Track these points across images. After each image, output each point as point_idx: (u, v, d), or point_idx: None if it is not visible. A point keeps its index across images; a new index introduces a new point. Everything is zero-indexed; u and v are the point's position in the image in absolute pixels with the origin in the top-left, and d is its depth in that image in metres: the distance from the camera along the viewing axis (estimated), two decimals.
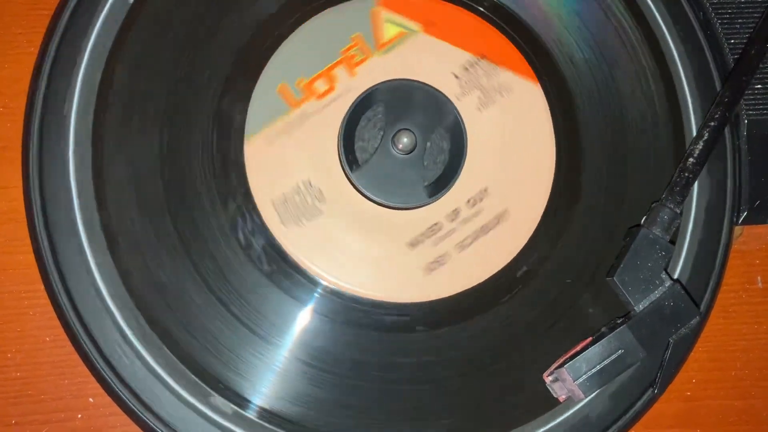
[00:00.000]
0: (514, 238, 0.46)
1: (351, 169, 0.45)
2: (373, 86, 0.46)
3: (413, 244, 0.45)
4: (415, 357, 0.45)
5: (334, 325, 0.44)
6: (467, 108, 0.46)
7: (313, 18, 0.46)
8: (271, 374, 0.43)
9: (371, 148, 0.46)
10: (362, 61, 0.46)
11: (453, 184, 0.46)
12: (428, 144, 0.46)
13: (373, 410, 0.44)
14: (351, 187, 0.45)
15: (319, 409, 0.43)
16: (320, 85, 0.46)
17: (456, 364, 0.45)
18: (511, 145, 0.47)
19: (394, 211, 0.45)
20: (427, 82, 0.46)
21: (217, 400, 0.42)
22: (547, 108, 0.47)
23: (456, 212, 0.46)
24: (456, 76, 0.47)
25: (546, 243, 0.46)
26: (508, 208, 0.46)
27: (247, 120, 0.45)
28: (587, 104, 0.48)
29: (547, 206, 0.46)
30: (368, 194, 0.45)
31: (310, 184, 0.45)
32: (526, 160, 0.47)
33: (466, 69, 0.47)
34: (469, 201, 0.46)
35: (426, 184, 0.46)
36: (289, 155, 0.45)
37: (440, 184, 0.46)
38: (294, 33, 0.46)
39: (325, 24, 0.46)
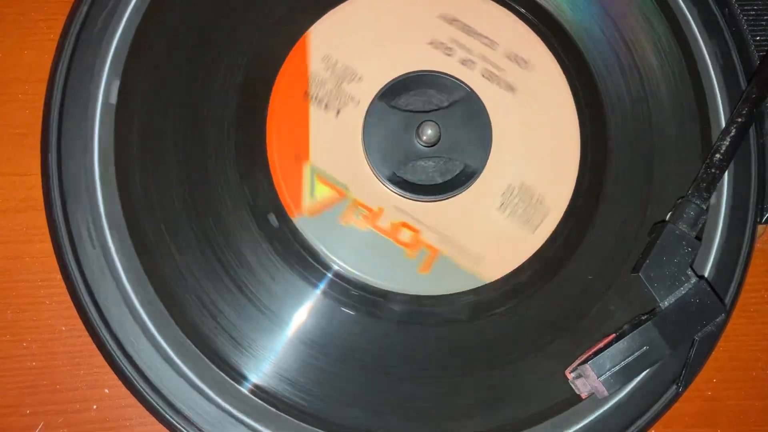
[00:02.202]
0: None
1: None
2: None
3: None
4: (429, 350, 0.44)
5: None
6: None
7: None
8: (292, 365, 0.43)
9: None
10: None
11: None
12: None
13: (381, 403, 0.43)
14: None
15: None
16: None
17: (473, 359, 0.44)
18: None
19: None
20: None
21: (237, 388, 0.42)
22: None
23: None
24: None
25: (568, 239, 0.46)
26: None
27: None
28: (614, 100, 0.48)
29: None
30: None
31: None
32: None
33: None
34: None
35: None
36: None
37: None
38: None
39: None
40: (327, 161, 0.45)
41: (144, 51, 0.44)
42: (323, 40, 0.46)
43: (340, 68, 0.46)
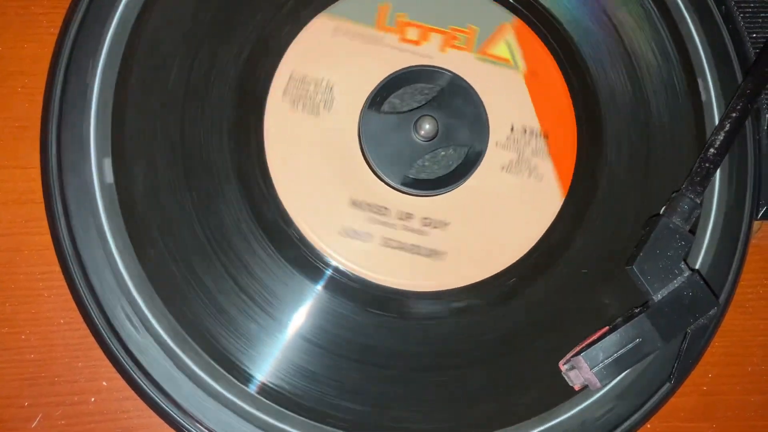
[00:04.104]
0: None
1: (369, 107, 0.45)
2: (443, 68, 0.46)
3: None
4: (425, 346, 0.44)
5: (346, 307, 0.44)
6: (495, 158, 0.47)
7: None
8: (289, 359, 0.43)
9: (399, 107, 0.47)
10: (459, 48, 0.47)
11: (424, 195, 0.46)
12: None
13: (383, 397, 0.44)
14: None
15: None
16: (412, 33, 0.46)
17: (468, 353, 0.45)
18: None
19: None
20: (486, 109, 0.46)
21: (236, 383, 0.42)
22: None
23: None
24: (511, 129, 0.47)
25: (562, 233, 0.46)
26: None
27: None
28: (608, 96, 0.48)
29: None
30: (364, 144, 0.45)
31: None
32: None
33: (524, 131, 0.47)
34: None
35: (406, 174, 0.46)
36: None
37: (418, 186, 0.46)
38: None
39: None
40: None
41: (140, 47, 0.44)
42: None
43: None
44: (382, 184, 0.45)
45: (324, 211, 0.44)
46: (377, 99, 0.46)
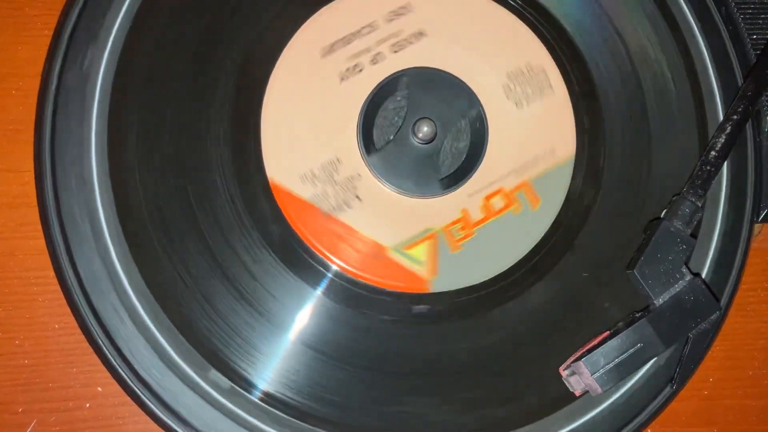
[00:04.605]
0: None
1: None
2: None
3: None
4: (426, 349, 0.44)
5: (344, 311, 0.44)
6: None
7: None
8: (291, 366, 0.43)
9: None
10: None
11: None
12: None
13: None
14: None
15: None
16: None
17: (468, 358, 0.44)
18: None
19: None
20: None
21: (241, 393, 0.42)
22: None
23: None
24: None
25: (563, 236, 0.46)
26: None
27: None
28: (611, 97, 0.48)
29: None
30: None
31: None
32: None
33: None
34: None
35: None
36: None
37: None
38: None
39: None
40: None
41: (138, 51, 0.44)
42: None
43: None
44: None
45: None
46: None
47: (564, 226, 0.46)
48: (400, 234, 0.45)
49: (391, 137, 0.46)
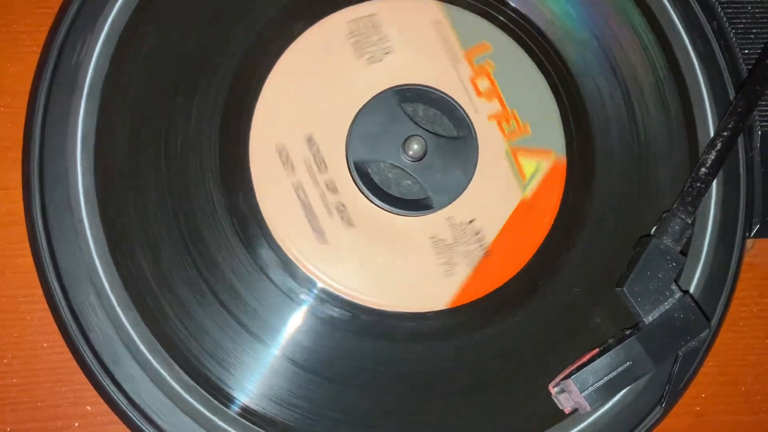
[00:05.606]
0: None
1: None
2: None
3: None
4: (419, 367, 0.44)
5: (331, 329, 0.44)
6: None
7: None
8: (275, 383, 0.42)
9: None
10: (501, 129, 0.46)
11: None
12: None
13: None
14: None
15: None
16: (483, 84, 0.47)
17: (460, 374, 0.44)
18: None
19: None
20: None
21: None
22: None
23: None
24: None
25: (554, 252, 0.45)
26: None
27: None
28: (600, 112, 0.47)
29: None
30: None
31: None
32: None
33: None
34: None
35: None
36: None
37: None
38: None
39: None
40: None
41: (124, 70, 0.44)
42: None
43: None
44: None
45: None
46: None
47: (554, 242, 0.46)
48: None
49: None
